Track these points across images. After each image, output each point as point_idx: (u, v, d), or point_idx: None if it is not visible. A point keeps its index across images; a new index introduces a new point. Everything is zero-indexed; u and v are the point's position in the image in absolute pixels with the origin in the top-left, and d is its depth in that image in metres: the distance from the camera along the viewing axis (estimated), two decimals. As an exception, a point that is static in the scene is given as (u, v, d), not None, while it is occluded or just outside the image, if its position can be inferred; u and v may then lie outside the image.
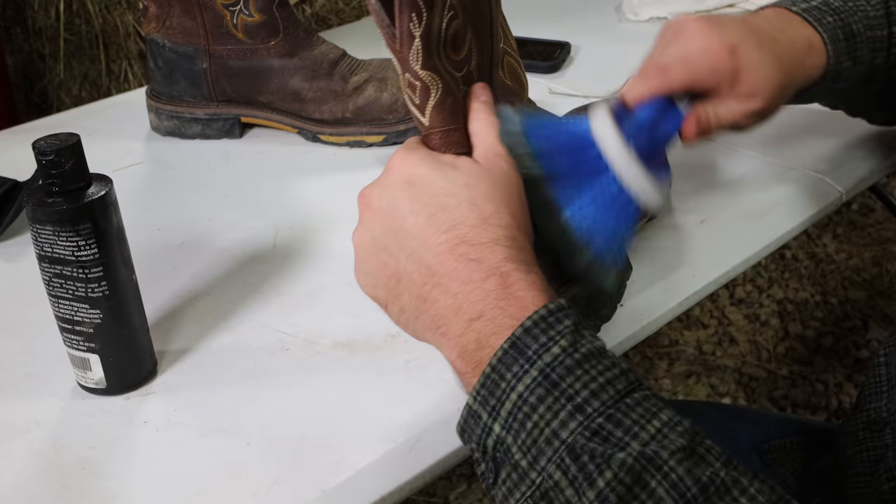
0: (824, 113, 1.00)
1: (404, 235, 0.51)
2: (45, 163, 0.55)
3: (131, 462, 0.57)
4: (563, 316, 0.47)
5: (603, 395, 0.45)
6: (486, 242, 0.49)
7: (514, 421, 0.46)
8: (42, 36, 2.17)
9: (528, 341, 0.46)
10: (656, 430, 0.44)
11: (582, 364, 0.45)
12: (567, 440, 0.44)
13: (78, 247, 0.57)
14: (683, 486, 0.42)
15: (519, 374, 0.46)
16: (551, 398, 0.45)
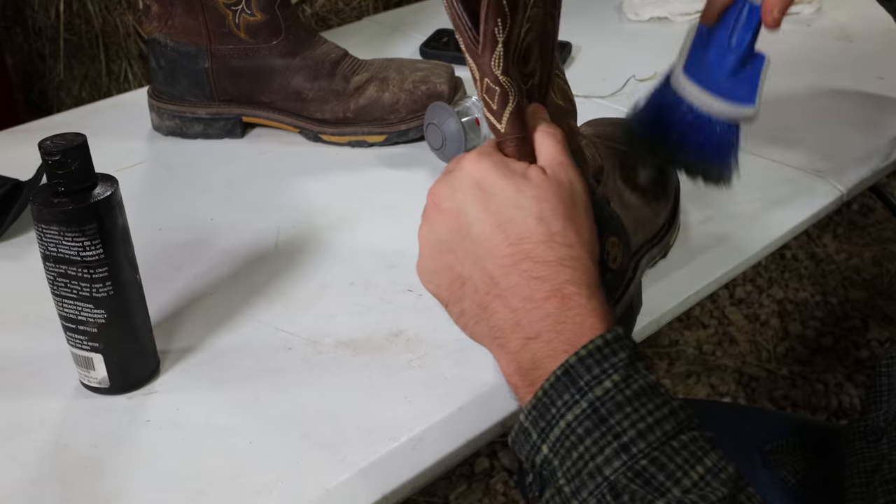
0: (824, 113, 1.00)
1: (471, 241, 0.51)
2: (52, 163, 0.55)
3: (134, 461, 0.58)
4: (618, 347, 0.47)
5: (650, 437, 0.45)
6: (550, 261, 0.49)
7: (562, 447, 0.46)
8: (42, 36, 2.17)
9: (581, 371, 0.46)
10: (699, 476, 0.44)
11: (632, 401, 0.45)
12: (609, 477, 0.44)
13: (83, 247, 0.57)
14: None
15: (569, 402, 0.46)
16: (598, 433, 0.45)
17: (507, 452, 1.61)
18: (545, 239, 0.50)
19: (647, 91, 0.78)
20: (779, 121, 0.99)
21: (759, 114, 0.73)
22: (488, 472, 1.58)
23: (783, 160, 0.91)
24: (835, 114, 1.00)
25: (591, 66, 1.15)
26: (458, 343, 0.66)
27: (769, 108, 1.02)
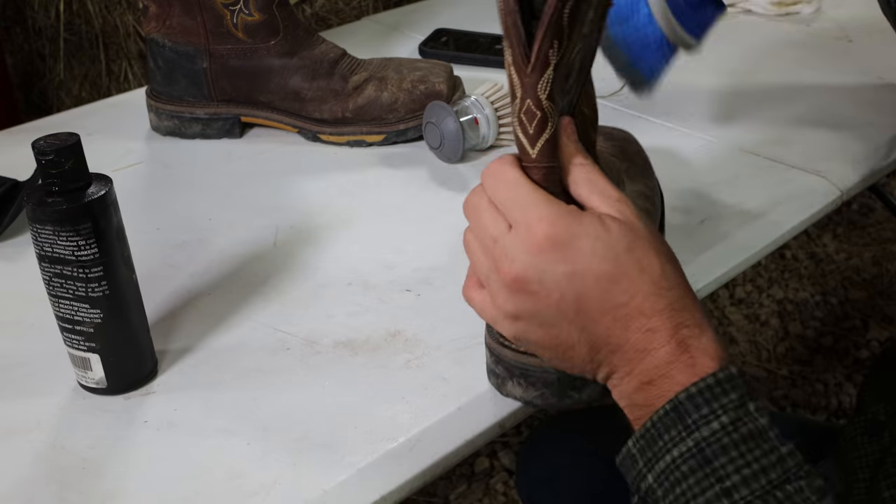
0: (824, 113, 1.00)
1: (573, 314, 0.49)
2: (45, 162, 0.55)
3: (132, 462, 0.57)
4: (730, 388, 0.46)
5: (753, 484, 0.44)
6: (661, 310, 0.48)
7: (666, 480, 0.46)
8: (42, 36, 2.17)
9: (690, 408, 0.46)
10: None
11: (739, 445, 0.45)
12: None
13: (78, 246, 0.57)
14: None
15: (675, 439, 0.46)
16: (702, 473, 0.45)
17: (507, 452, 1.61)
18: (652, 289, 0.48)
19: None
20: (779, 121, 0.99)
21: (699, 50, 0.83)
22: (488, 472, 1.58)
23: (783, 160, 0.91)
24: (835, 114, 1.00)
25: (590, 65, 1.15)
26: (456, 343, 0.66)
27: (769, 108, 1.02)
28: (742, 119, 1.00)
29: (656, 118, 1.00)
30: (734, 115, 1.01)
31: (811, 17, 1.29)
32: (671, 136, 0.96)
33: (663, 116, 1.01)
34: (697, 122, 0.99)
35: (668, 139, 0.96)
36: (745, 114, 1.01)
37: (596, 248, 0.48)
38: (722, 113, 1.01)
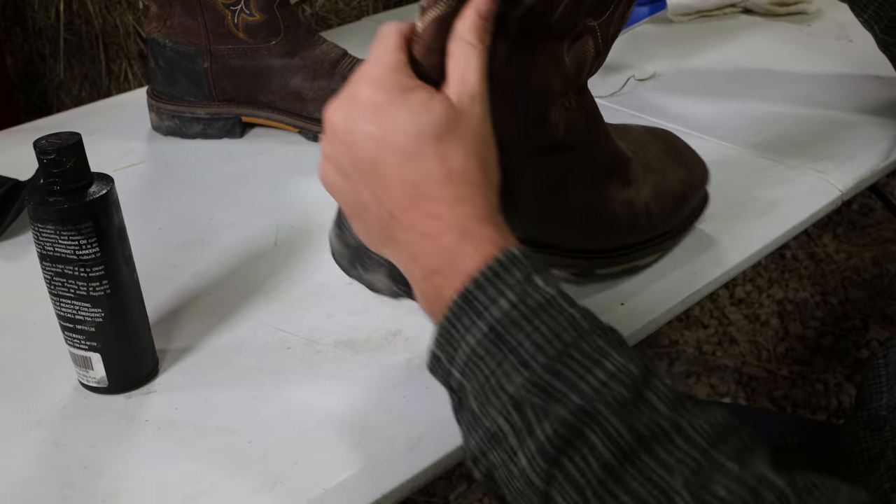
0: (824, 113, 1.00)
1: (369, 176, 0.50)
2: (47, 162, 0.55)
3: (133, 461, 0.58)
4: (513, 267, 0.47)
5: (548, 349, 0.45)
6: (448, 199, 0.49)
7: (469, 370, 0.47)
8: (42, 36, 2.17)
9: (479, 295, 0.47)
10: (600, 382, 0.44)
11: (529, 318, 0.46)
12: (512, 393, 0.45)
13: (79, 245, 0.57)
14: (619, 437, 0.42)
15: (469, 326, 0.47)
16: (498, 352, 0.46)
17: (507, 452, 1.61)
18: (444, 178, 0.49)
19: None
20: (779, 121, 0.99)
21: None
22: (488, 473, 1.57)
23: (783, 160, 0.91)
24: (835, 114, 1.00)
25: (590, 65, 1.15)
26: (457, 343, 0.66)
27: (769, 108, 1.02)
28: (742, 119, 1.00)
29: (656, 118, 1.00)
30: (734, 114, 1.01)
31: (811, 17, 1.29)
32: (671, 136, 0.97)
33: (663, 117, 1.01)
34: (697, 122, 0.99)
35: (669, 139, 0.96)
36: (745, 114, 1.01)
37: (406, 122, 0.49)
38: (721, 113, 1.01)
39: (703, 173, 0.75)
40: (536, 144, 0.60)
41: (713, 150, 0.94)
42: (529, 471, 0.44)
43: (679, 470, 0.42)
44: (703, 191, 0.75)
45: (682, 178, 0.72)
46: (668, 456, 0.42)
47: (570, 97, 0.60)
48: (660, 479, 0.41)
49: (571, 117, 0.61)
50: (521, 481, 0.45)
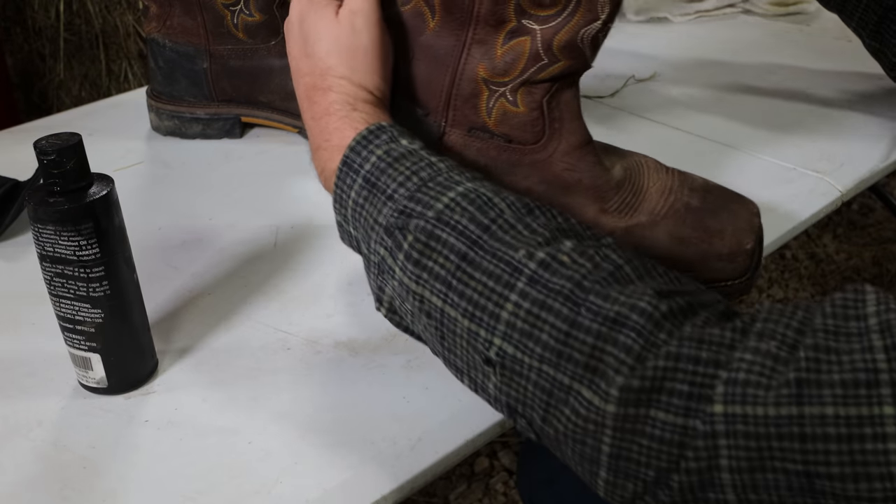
0: (824, 113, 1.00)
1: (293, 64, 0.65)
2: (47, 162, 0.55)
3: (132, 461, 0.57)
4: (380, 132, 0.58)
5: (408, 184, 0.54)
6: (323, 88, 0.62)
7: (356, 221, 0.57)
8: (42, 36, 2.17)
9: (354, 157, 0.57)
10: (450, 199, 0.53)
11: (394, 165, 0.56)
12: (382, 223, 0.54)
13: (79, 246, 0.57)
14: (469, 231, 0.51)
15: (350, 183, 0.57)
16: (372, 196, 0.56)
17: (507, 452, 1.61)
18: (322, 72, 0.62)
19: None
20: (779, 121, 0.99)
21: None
22: (488, 472, 1.58)
23: (783, 160, 0.91)
24: (835, 114, 1.00)
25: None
26: (456, 343, 0.66)
27: (769, 108, 1.02)
28: (742, 119, 1.00)
29: (656, 118, 1.00)
30: (734, 115, 1.01)
31: (811, 17, 1.29)
32: (671, 137, 0.97)
33: (663, 117, 1.01)
34: (697, 122, 0.99)
35: (668, 139, 0.96)
36: (745, 114, 1.01)
37: (311, 32, 0.63)
38: (721, 113, 1.02)
39: (730, 251, 0.67)
40: (462, 119, 0.66)
41: (713, 151, 0.94)
42: (405, 279, 0.52)
43: (523, 247, 0.49)
44: (723, 268, 0.67)
45: (685, 238, 0.67)
46: (512, 239, 0.50)
47: (512, 90, 0.63)
48: (506, 256, 0.49)
49: (510, 110, 0.64)
50: (403, 293, 0.53)
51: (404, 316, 0.56)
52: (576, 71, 0.63)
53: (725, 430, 0.42)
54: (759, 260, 0.68)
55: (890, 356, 0.40)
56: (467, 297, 0.50)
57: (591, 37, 0.60)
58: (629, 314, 0.45)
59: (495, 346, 0.48)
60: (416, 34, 0.64)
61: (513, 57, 0.62)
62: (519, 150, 0.65)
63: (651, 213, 0.66)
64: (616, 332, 0.45)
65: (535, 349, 0.47)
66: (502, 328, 0.48)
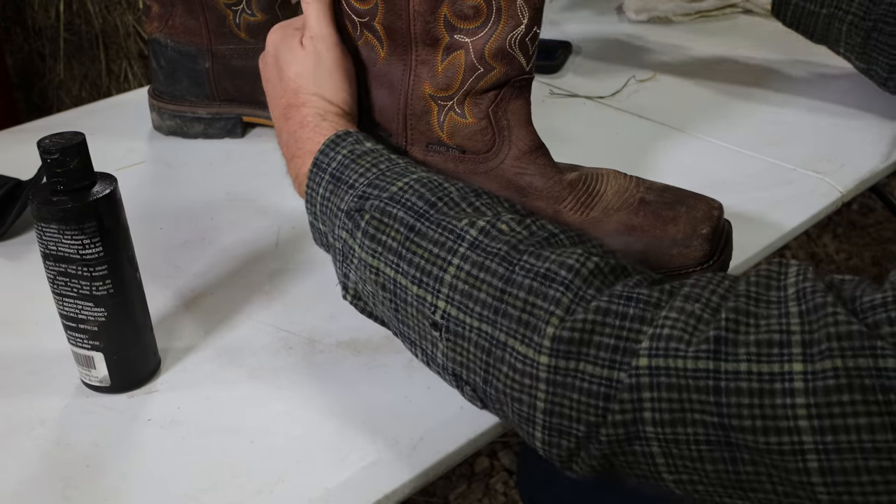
0: (824, 113, 1.00)
1: (270, 86, 0.70)
2: (51, 161, 0.56)
3: (135, 460, 0.58)
4: (346, 136, 0.62)
5: (368, 174, 0.59)
6: (296, 105, 0.67)
7: (323, 215, 0.61)
8: (42, 36, 2.17)
9: (322, 158, 0.62)
10: (404, 183, 0.57)
11: (357, 161, 0.60)
12: (344, 208, 0.59)
13: (83, 245, 0.57)
14: (417, 207, 0.55)
15: (319, 181, 0.61)
16: (336, 188, 0.60)
17: (507, 452, 1.61)
18: (295, 91, 0.67)
19: None
20: (779, 121, 1.00)
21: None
22: (488, 472, 1.58)
23: (783, 160, 0.91)
24: (834, 114, 1.00)
25: (591, 66, 1.16)
26: (458, 342, 0.66)
27: (769, 108, 1.02)
28: (742, 119, 1.00)
29: (656, 119, 1.01)
30: (734, 115, 1.01)
31: (811, 17, 1.29)
32: (671, 137, 0.97)
33: (663, 117, 1.01)
34: (697, 122, 0.99)
35: (668, 140, 0.96)
36: (745, 114, 1.01)
37: (282, 59, 0.69)
38: (722, 113, 1.02)
39: (684, 236, 0.67)
40: (419, 136, 0.69)
41: (713, 151, 0.94)
42: (363, 254, 0.57)
43: (466, 218, 0.54)
44: (679, 253, 0.67)
45: (636, 226, 0.67)
46: (456, 211, 0.55)
47: (459, 103, 0.67)
48: (450, 225, 0.54)
49: (460, 122, 0.67)
50: (362, 270, 0.57)
51: (367, 299, 0.59)
52: (514, 77, 0.66)
53: (649, 382, 0.45)
54: (722, 252, 0.69)
55: (804, 320, 0.44)
56: (415, 263, 0.54)
57: (518, 42, 0.64)
58: (558, 270, 0.49)
59: (440, 309, 0.52)
60: (371, 65, 0.69)
61: (452, 71, 0.66)
62: (473, 160, 0.69)
63: (605, 209, 0.68)
64: (546, 287, 0.49)
65: (475, 308, 0.51)
66: (445, 290, 0.52)
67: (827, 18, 0.98)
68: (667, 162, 0.91)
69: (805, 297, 0.45)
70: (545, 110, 1.03)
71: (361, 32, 0.68)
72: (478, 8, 0.63)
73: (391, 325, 0.59)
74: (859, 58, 0.97)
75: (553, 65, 1.13)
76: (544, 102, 1.05)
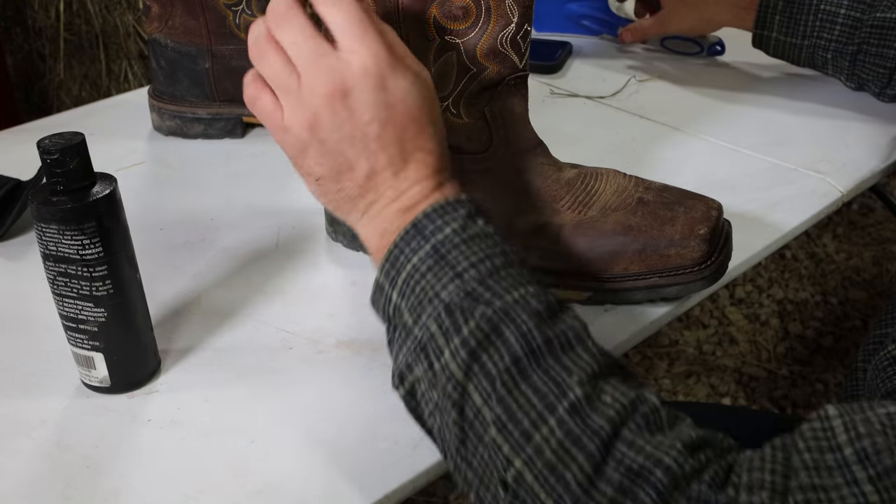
0: (824, 113, 1.00)
1: (374, 137, 0.55)
2: (50, 162, 0.55)
3: (135, 460, 0.58)
4: (459, 206, 0.54)
5: (481, 267, 0.51)
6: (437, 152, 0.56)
7: (407, 287, 0.53)
8: (42, 36, 2.17)
9: (426, 223, 0.53)
10: (520, 295, 0.50)
11: (468, 242, 0.52)
12: (444, 299, 0.51)
13: (83, 245, 0.57)
14: (531, 337, 0.48)
15: (416, 248, 0.53)
16: (438, 267, 0.52)
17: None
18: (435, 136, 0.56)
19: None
20: (779, 121, 1.00)
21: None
22: (488, 472, 1.57)
23: (783, 160, 0.91)
24: (835, 114, 1.00)
25: (591, 66, 1.16)
26: (458, 343, 0.66)
27: (769, 108, 1.02)
28: (742, 120, 1.00)
29: (656, 119, 1.01)
30: (734, 115, 1.01)
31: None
32: (671, 137, 0.97)
33: (663, 117, 1.01)
34: (697, 122, 0.99)
35: (669, 140, 0.96)
36: (746, 114, 1.01)
37: (412, 90, 0.55)
38: (722, 114, 1.02)
39: (682, 236, 0.67)
40: None
41: (714, 151, 0.94)
42: (452, 365, 0.49)
43: (576, 373, 0.47)
44: (677, 253, 0.67)
45: (633, 226, 0.68)
46: (569, 361, 0.48)
47: (454, 103, 0.66)
48: (558, 376, 0.47)
49: (456, 122, 0.67)
50: (443, 379, 0.49)
51: (425, 404, 0.52)
52: (508, 75, 0.66)
53: None
54: (721, 252, 0.69)
55: (877, 487, 0.41)
56: (506, 404, 0.47)
57: (510, 40, 0.64)
58: (653, 469, 0.44)
59: (514, 467, 0.46)
60: None
61: (445, 72, 0.65)
62: (470, 160, 0.69)
63: (603, 209, 0.68)
64: (637, 488, 0.44)
65: (556, 488, 0.45)
66: (529, 451, 0.46)
67: (810, 49, 1.00)
68: (667, 162, 0.91)
69: (869, 460, 0.42)
70: (545, 110, 1.03)
71: None
72: (467, 8, 0.63)
73: (444, 448, 0.51)
74: (849, 79, 1.00)
75: (553, 65, 1.13)
76: (544, 102, 1.05)
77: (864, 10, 0.94)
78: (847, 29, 0.95)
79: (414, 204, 0.55)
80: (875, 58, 0.95)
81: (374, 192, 0.56)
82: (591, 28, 1.21)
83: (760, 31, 1.02)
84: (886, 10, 0.93)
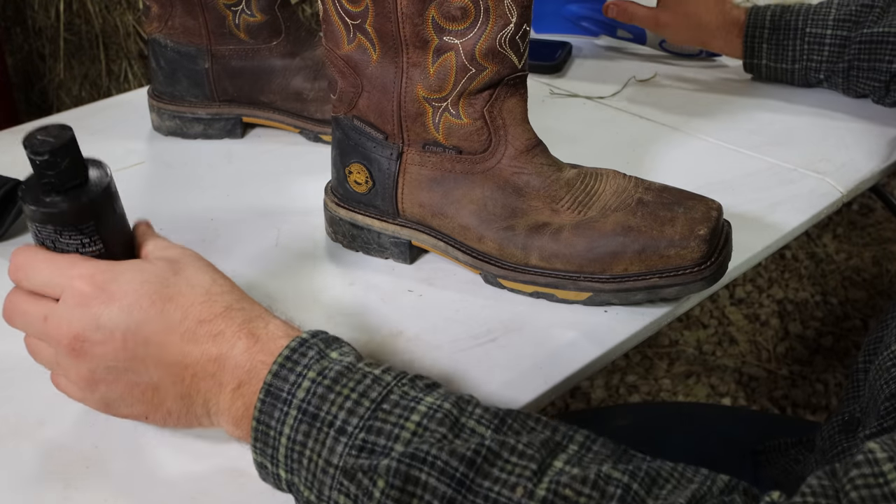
0: (824, 113, 1.00)
1: (143, 346, 0.51)
2: (40, 163, 0.53)
3: (135, 460, 0.58)
4: (306, 349, 0.49)
5: (359, 410, 0.46)
6: (220, 313, 0.52)
7: (293, 462, 0.47)
8: (42, 36, 2.17)
9: (280, 384, 0.48)
10: (416, 425, 0.45)
11: (333, 388, 0.47)
12: (339, 465, 0.46)
13: (82, 244, 0.56)
14: (451, 469, 0.43)
15: (281, 418, 0.48)
16: (315, 430, 0.47)
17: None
18: (206, 299, 0.52)
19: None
20: (779, 122, 1.00)
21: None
22: (488, 473, 1.57)
23: (783, 160, 0.91)
24: (835, 114, 1.00)
25: (591, 66, 1.16)
26: (457, 343, 0.66)
27: (769, 108, 1.02)
28: (742, 119, 1.00)
29: (656, 119, 1.01)
30: (734, 115, 1.01)
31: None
32: (671, 137, 0.97)
33: (663, 117, 1.01)
34: (697, 122, 0.99)
35: (669, 140, 0.96)
36: (746, 115, 1.01)
37: (142, 278, 0.51)
38: (722, 114, 1.02)
39: (681, 237, 0.66)
40: (415, 138, 0.69)
41: (714, 151, 0.94)
42: None
43: (518, 483, 0.42)
44: (677, 254, 0.66)
45: (633, 227, 0.67)
46: (502, 473, 0.43)
47: (453, 104, 0.67)
48: (500, 496, 0.42)
49: (455, 123, 0.68)
50: None
51: None
52: (507, 75, 0.66)
53: None
54: (721, 252, 0.68)
55: None
56: None
57: (508, 40, 0.64)
58: None
59: None
60: (364, 68, 0.69)
61: (444, 73, 0.66)
62: (470, 160, 0.69)
63: (602, 209, 0.68)
64: None
65: None
66: None
67: (802, 71, 1.01)
68: (667, 162, 0.91)
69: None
70: (545, 110, 1.03)
71: (354, 35, 0.68)
72: (465, 9, 0.63)
73: None
74: (847, 93, 1.01)
75: (553, 65, 1.13)
76: (544, 102, 1.05)
77: (850, 27, 0.95)
78: (836, 49, 0.97)
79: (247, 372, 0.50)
80: (868, 72, 0.96)
81: (200, 396, 0.52)
82: (591, 29, 1.20)
83: (749, 59, 1.04)
84: (873, 25, 0.93)
